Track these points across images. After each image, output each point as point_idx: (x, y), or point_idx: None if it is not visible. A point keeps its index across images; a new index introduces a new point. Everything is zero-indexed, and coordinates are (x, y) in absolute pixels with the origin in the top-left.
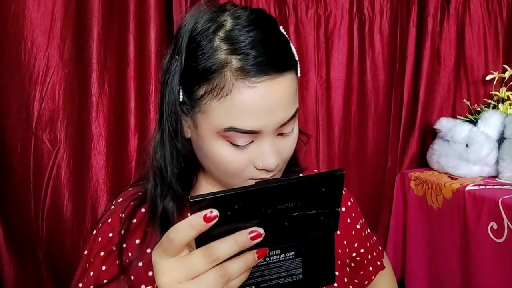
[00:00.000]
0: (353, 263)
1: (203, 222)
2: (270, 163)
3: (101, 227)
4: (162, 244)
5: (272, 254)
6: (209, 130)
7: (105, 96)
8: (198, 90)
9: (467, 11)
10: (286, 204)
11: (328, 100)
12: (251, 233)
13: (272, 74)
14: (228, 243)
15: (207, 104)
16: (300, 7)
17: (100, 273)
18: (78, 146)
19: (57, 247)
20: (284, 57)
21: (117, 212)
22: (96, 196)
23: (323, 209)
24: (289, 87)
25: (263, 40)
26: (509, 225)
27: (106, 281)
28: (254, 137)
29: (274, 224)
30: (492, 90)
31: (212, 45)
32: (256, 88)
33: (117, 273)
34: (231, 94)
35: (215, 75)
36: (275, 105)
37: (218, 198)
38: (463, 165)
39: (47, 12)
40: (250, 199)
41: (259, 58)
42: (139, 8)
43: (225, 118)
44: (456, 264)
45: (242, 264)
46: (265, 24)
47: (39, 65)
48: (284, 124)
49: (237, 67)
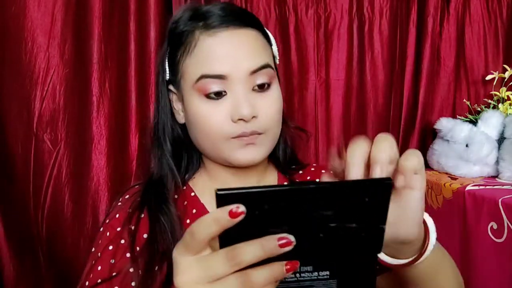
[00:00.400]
0: None
1: (228, 217)
2: (244, 111)
3: (108, 222)
4: (184, 240)
5: (303, 270)
6: (188, 90)
7: (106, 96)
8: (176, 55)
9: (467, 11)
10: (323, 211)
11: (328, 100)
12: (280, 240)
13: (234, 26)
14: (254, 246)
15: (183, 65)
16: (300, 7)
17: (108, 266)
18: (78, 146)
19: (57, 247)
20: (246, 16)
21: (125, 208)
22: (97, 196)
23: (365, 223)
24: (253, 40)
25: (226, 7)
26: (509, 225)
27: (115, 273)
28: (226, 86)
29: (307, 234)
30: (492, 90)
31: (185, 21)
32: (218, 36)
33: (126, 266)
34: (197, 46)
35: (186, 37)
36: (238, 52)
37: (247, 194)
38: (463, 165)
39: (48, 12)
40: (282, 199)
41: (222, 14)
42: (140, 8)
43: (195, 69)
44: (456, 264)
45: (267, 274)
46: (230, 3)
47: (39, 65)
48: (253, 73)
49: (202, 25)
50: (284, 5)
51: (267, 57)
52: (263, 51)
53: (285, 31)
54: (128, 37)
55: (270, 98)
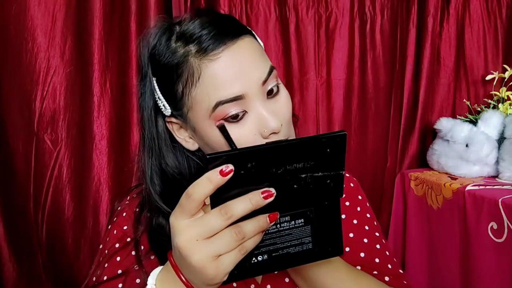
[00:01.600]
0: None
1: (220, 176)
2: (273, 124)
3: (115, 220)
4: (180, 204)
5: (283, 221)
6: (204, 121)
7: (107, 96)
8: (177, 89)
9: (467, 11)
10: (295, 164)
11: (329, 100)
12: (264, 193)
13: (229, 40)
14: (242, 201)
15: (190, 97)
16: (300, 6)
17: (114, 264)
18: (79, 146)
19: (58, 247)
20: (234, 25)
21: (132, 206)
22: (97, 195)
23: (328, 171)
24: (252, 48)
25: (209, 21)
26: (509, 225)
27: (121, 271)
28: (245, 105)
29: (284, 187)
30: (492, 90)
31: (170, 49)
32: (219, 58)
33: (132, 264)
34: (202, 75)
35: (182, 67)
36: (246, 66)
37: (232, 155)
38: (463, 165)
39: (48, 12)
40: (261, 157)
41: (212, 33)
42: (140, 8)
43: (208, 98)
44: (456, 264)
45: (256, 224)
46: (205, 12)
47: (40, 65)
48: (264, 82)
49: (196, 51)
50: (284, 4)
51: (266, 57)
52: (261, 54)
53: (285, 31)
54: (129, 37)
55: (283, 99)
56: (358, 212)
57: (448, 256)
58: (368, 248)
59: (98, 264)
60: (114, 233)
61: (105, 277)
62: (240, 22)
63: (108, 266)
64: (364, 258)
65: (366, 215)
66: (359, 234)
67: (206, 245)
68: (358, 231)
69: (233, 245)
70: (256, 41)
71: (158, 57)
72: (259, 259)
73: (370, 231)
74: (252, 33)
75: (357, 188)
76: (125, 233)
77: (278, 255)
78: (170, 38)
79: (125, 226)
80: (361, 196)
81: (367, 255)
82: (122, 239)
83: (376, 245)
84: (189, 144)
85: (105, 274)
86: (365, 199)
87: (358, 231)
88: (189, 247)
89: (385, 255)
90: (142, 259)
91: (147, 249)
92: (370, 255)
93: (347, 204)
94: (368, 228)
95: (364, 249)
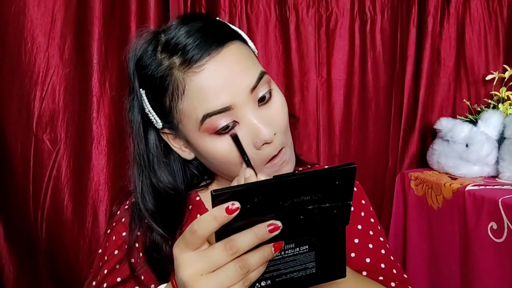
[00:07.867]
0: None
1: (226, 214)
2: (265, 133)
3: (115, 226)
4: (184, 238)
5: (287, 248)
6: (194, 133)
7: (106, 96)
8: (164, 102)
9: (467, 11)
10: (302, 197)
11: (329, 100)
12: (269, 226)
13: (214, 50)
14: (248, 235)
15: (178, 111)
16: (301, 6)
17: (113, 271)
18: (78, 146)
19: (57, 248)
20: (220, 32)
21: (130, 212)
22: (97, 196)
23: (336, 202)
24: (239, 54)
25: (195, 29)
26: (509, 225)
27: (120, 279)
28: (234, 115)
29: (290, 218)
30: (492, 90)
31: (156, 60)
32: (204, 70)
33: (130, 272)
34: (186, 88)
35: (168, 80)
36: (232, 74)
37: (238, 191)
38: (463, 165)
39: (47, 12)
40: (268, 192)
41: (196, 42)
42: (140, 8)
43: (196, 111)
44: (456, 264)
45: (260, 256)
46: (192, 18)
47: (39, 65)
48: (253, 89)
49: (180, 63)
50: (284, 4)
51: (256, 62)
52: (250, 59)
53: (285, 31)
54: (129, 37)
55: (277, 105)
56: (362, 217)
57: (448, 255)
58: (374, 254)
59: (98, 270)
60: (113, 239)
61: (105, 284)
62: (229, 26)
63: (108, 273)
64: (369, 263)
65: (370, 220)
66: (364, 240)
67: (210, 279)
68: (363, 236)
69: (238, 279)
70: (245, 46)
71: (144, 69)
72: (262, 284)
73: (374, 236)
74: (242, 38)
75: (360, 193)
76: (124, 240)
77: (281, 280)
78: (156, 48)
79: (124, 233)
80: (364, 201)
81: (372, 261)
82: (122, 246)
83: (381, 250)
84: (186, 154)
85: (105, 282)
86: (368, 203)
87: (363, 237)
88: (194, 281)
89: (390, 261)
90: (140, 268)
91: (145, 258)
92: (376, 260)
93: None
94: (373, 233)
95: (370, 255)
